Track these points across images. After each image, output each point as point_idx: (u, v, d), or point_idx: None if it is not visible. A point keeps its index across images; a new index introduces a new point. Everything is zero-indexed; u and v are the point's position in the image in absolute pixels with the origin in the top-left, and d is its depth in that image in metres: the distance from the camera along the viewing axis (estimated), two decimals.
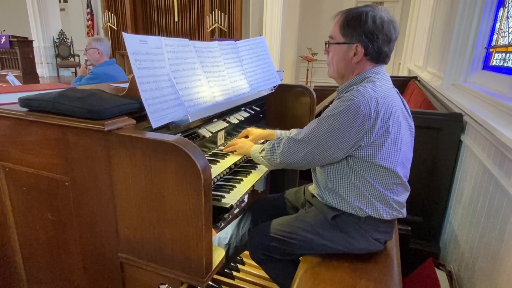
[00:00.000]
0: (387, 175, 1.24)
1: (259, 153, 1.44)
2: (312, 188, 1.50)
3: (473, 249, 1.67)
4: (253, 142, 1.66)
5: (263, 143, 1.65)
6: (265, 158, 1.40)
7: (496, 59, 2.18)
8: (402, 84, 4.43)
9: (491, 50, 2.25)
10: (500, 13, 2.19)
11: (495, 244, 1.43)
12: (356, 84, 1.26)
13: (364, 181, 1.25)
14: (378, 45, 1.23)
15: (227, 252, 1.67)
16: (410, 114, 1.34)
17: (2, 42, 7.41)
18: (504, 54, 2.08)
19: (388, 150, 1.21)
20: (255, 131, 1.75)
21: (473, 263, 1.65)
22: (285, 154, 1.31)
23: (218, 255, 1.08)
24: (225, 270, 1.88)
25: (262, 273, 1.90)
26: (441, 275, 1.81)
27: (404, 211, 1.35)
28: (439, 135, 2.10)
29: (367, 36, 1.22)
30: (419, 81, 4.15)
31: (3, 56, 7.78)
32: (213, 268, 1.04)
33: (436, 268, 1.81)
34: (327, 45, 1.34)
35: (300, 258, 1.41)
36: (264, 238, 1.42)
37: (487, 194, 1.58)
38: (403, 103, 1.32)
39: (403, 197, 1.33)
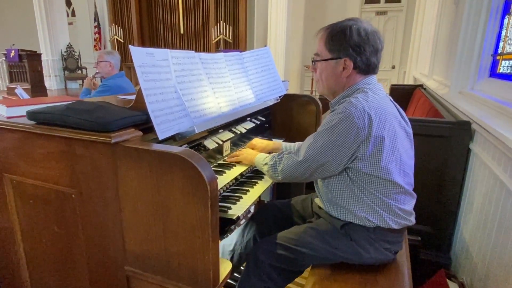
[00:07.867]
0: (388, 186, 1.23)
1: (263, 165, 1.45)
2: (318, 201, 1.49)
3: (486, 259, 1.63)
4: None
5: (269, 153, 1.64)
6: (268, 174, 1.42)
7: (503, 66, 2.17)
8: (407, 92, 4.41)
9: (498, 57, 2.24)
10: (505, 21, 2.18)
11: (509, 254, 1.39)
12: (348, 96, 1.26)
13: (366, 192, 1.24)
14: (366, 56, 1.23)
15: (231, 259, 1.65)
16: (407, 121, 1.32)
17: (11, 56, 7.54)
18: (511, 61, 2.06)
19: (386, 160, 1.20)
20: (260, 144, 1.75)
21: (486, 274, 1.61)
22: (285, 171, 1.32)
23: (225, 267, 1.07)
24: (232, 282, 1.85)
25: None
26: (453, 287, 1.77)
27: (413, 218, 1.32)
28: (447, 143, 2.08)
29: (354, 50, 1.22)
30: (425, 89, 4.13)
31: (12, 70, 7.90)
32: (220, 281, 1.02)
33: (448, 280, 1.77)
34: (313, 63, 1.34)
35: (309, 271, 1.38)
36: (272, 245, 1.37)
37: (499, 202, 1.55)
38: (398, 110, 1.31)
39: (409, 205, 1.31)
